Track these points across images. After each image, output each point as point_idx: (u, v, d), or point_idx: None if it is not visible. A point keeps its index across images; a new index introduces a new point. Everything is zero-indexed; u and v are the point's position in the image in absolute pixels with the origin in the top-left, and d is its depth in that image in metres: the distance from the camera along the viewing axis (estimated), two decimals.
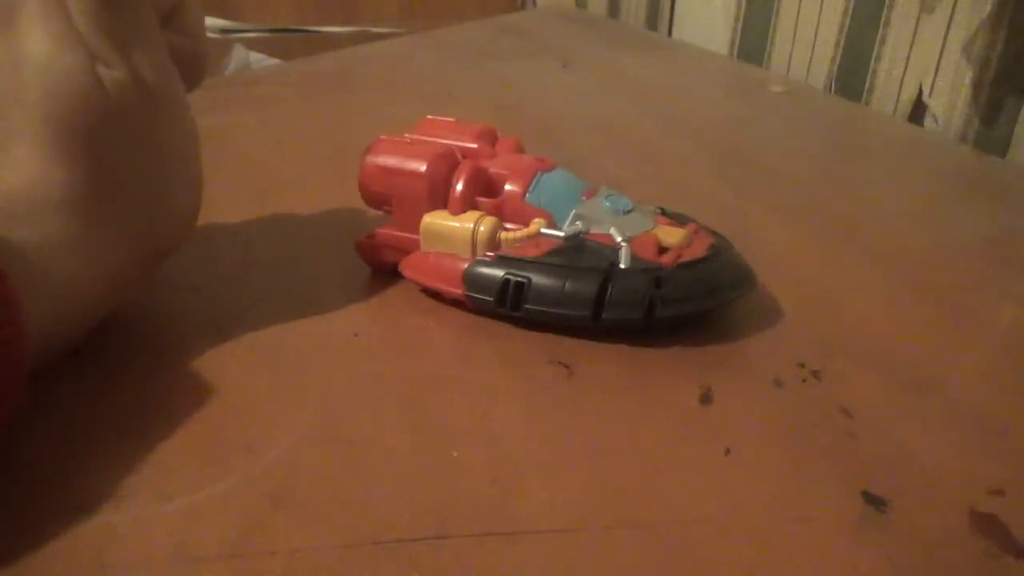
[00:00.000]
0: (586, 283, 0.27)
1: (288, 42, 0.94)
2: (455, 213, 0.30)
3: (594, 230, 0.29)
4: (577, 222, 0.29)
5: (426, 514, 0.21)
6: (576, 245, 0.29)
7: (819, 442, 0.24)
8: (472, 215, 0.29)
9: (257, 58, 0.80)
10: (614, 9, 1.07)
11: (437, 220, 0.30)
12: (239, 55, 0.79)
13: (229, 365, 0.26)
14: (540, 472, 0.22)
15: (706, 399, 0.25)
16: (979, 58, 0.55)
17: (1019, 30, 0.52)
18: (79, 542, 0.19)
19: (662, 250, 0.29)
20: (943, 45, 0.58)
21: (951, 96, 0.57)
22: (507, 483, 0.22)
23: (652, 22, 0.98)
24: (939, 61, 0.58)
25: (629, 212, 0.30)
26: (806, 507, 0.21)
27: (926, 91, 0.60)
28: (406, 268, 0.31)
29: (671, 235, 0.29)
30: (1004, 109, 0.54)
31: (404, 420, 0.24)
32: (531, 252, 0.29)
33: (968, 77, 0.56)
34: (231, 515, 0.20)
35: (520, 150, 0.34)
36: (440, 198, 0.30)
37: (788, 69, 0.74)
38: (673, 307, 0.27)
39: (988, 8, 0.54)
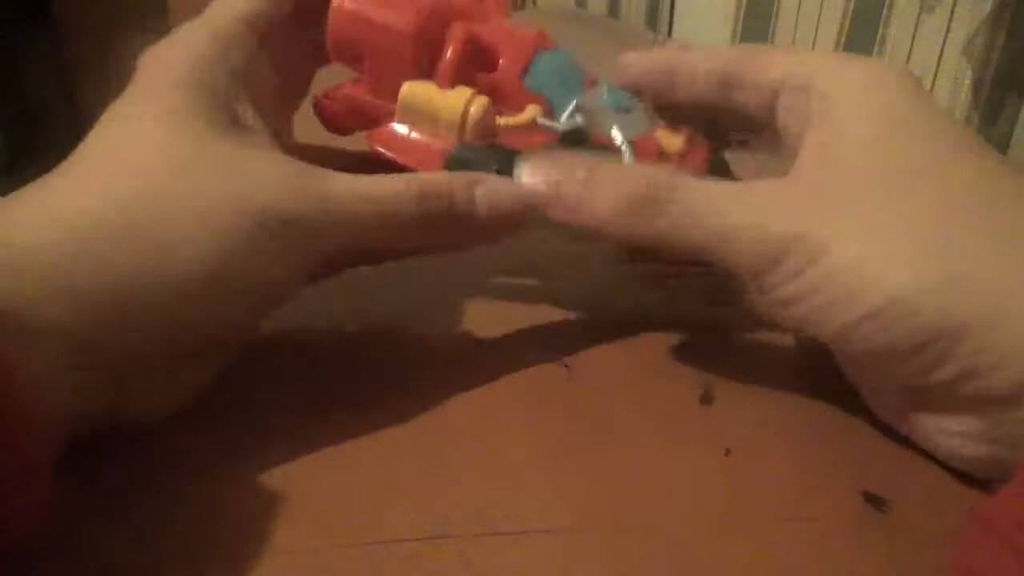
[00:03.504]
0: None
1: None
2: (443, 86, 0.26)
3: (592, 125, 0.26)
4: (577, 115, 0.26)
5: (426, 514, 0.21)
6: (574, 142, 0.26)
7: (819, 442, 0.24)
8: (462, 92, 0.25)
9: None
10: (614, 8, 1.07)
11: (420, 92, 0.26)
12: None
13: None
14: (540, 472, 0.22)
15: (706, 399, 0.25)
16: (979, 58, 0.55)
17: (1019, 30, 0.52)
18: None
19: (661, 155, 0.26)
20: (943, 45, 0.58)
21: (951, 96, 0.57)
22: (507, 483, 0.22)
23: (652, 21, 0.98)
24: (939, 61, 0.58)
25: (629, 110, 0.27)
26: (806, 507, 0.21)
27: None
28: (376, 140, 0.26)
29: (672, 140, 0.27)
30: (1004, 109, 0.54)
31: (404, 420, 0.24)
32: (523, 144, 0.25)
33: (968, 77, 0.56)
34: (232, 515, 0.20)
35: (507, 12, 0.29)
36: (425, 65, 0.26)
37: None
38: None
39: (988, 8, 0.54)
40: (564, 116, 0.26)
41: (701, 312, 0.28)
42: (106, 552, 0.19)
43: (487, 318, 0.29)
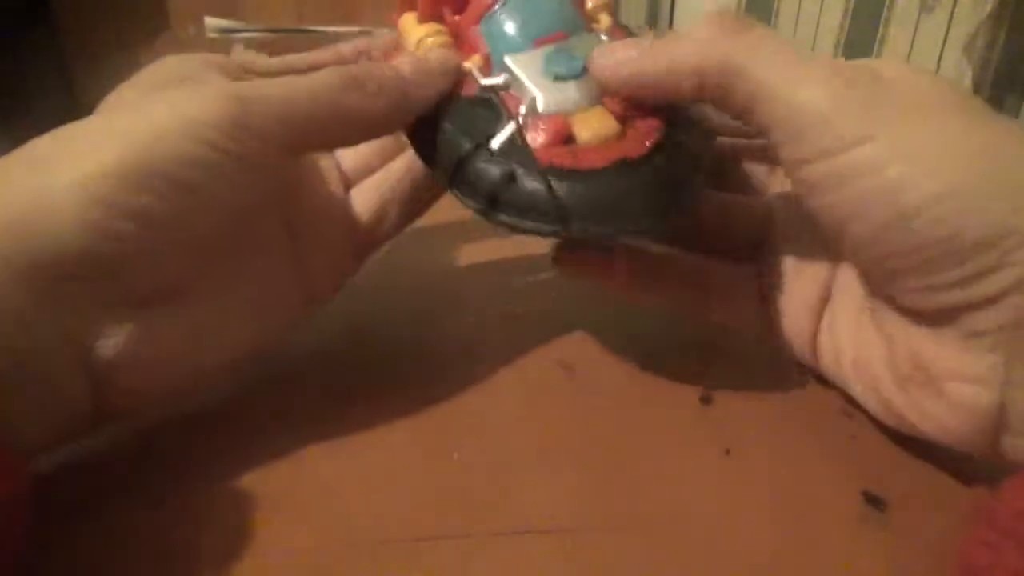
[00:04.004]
0: (448, 152, 0.24)
1: (288, 42, 0.94)
2: (420, 21, 0.26)
3: (514, 90, 0.24)
4: (503, 75, 0.24)
5: (426, 514, 0.21)
6: (482, 101, 0.24)
7: (819, 442, 0.24)
8: (428, 28, 0.26)
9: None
10: (614, 8, 1.07)
11: (407, 25, 0.26)
12: (239, 55, 0.79)
13: None
14: (540, 472, 0.22)
15: (706, 399, 0.25)
16: (979, 57, 0.55)
17: (1019, 30, 0.52)
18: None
19: (569, 140, 0.23)
20: (943, 44, 0.58)
21: None
22: (507, 483, 0.22)
23: (652, 21, 0.98)
24: (939, 60, 0.58)
25: (577, 77, 0.24)
26: (806, 507, 0.21)
27: None
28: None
29: (589, 126, 0.23)
30: (1004, 109, 0.54)
31: (404, 420, 0.24)
32: (457, 89, 0.25)
33: (968, 76, 0.56)
34: (231, 515, 0.20)
35: None
36: None
37: None
38: (514, 216, 0.23)
39: (988, 7, 0.54)
40: (493, 72, 0.25)
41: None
42: (106, 551, 0.19)
43: (487, 318, 0.30)
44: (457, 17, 0.26)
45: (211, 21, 0.92)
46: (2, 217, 0.18)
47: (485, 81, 0.24)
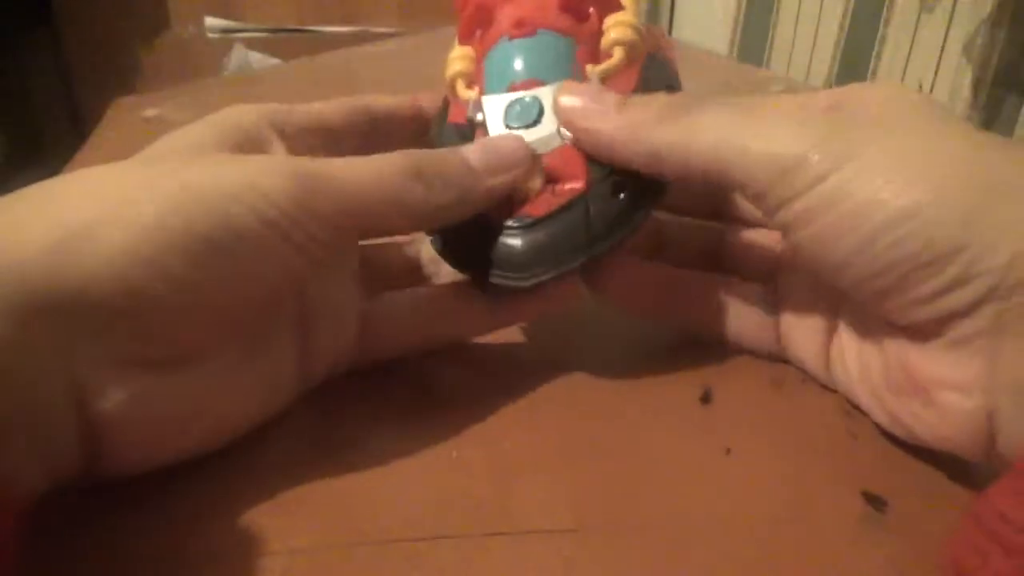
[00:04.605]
0: None
1: (288, 42, 0.94)
2: (459, 43, 0.28)
3: (483, 130, 0.26)
4: (479, 113, 0.26)
5: (426, 514, 0.21)
6: (450, 133, 0.26)
7: (819, 442, 0.24)
8: (458, 53, 0.27)
9: (257, 58, 0.80)
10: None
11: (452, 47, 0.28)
12: (239, 55, 0.79)
13: None
14: (540, 472, 0.22)
15: (706, 399, 0.25)
16: (979, 58, 0.55)
17: (1019, 30, 0.52)
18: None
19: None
20: (943, 44, 0.58)
21: (951, 96, 0.57)
22: (507, 483, 0.22)
23: (652, 21, 0.98)
24: (939, 60, 0.58)
25: (531, 126, 0.25)
26: (806, 507, 0.21)
27: (926, 90, 0.60)
28: None
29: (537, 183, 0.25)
30: (1004, 109, 0.54)
31: (404, 420, 0.24)
32: (451, 116, 0.27)
33: (968, 77, 0.56)
34: (231, 515, 0.20)
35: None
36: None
37: (788, 69, 0.74)
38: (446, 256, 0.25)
39: (988, 8, 0.54)
40: (471, 107, 0.26)
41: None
42: (104, 551, 0.19)
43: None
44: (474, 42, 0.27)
45: (211, 21, 0.92)
46: (31, 252, 0.17)
47: (469, 113, 0.26)
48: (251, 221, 0.19)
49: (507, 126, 0.25)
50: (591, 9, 0.26)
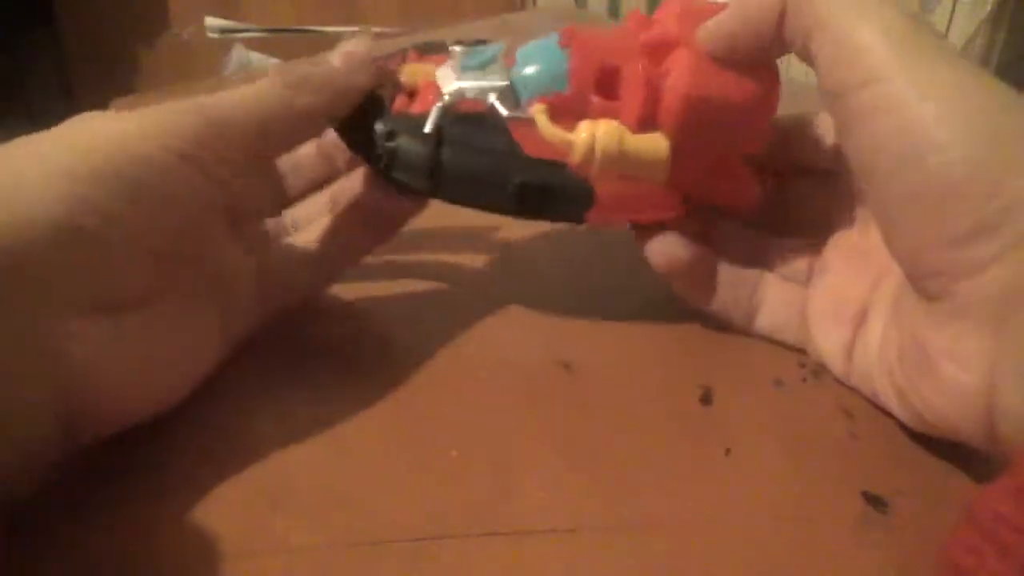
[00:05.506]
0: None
1: (288, 42, 0.94)
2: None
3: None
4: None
5: (426, 514, 0.21)
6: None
7: (819, 442, 0.24)
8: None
9: (257, 58, 0.80)
10: (614, 8, 1.07)
11: None
12: (239, 55, 0.79)
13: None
14: (540, 472, 0.22)
15: (706, 399, 0.25)
16: (979, 58, 0.55)
17: (1019, 30, 0.52)
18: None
19: (412, 94, 0.28)
20: None
21: None
22: (507, 483, 0.22)
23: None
24: None
25: (485, 67, 0.27)
26: (806, 507, 0.21)
27: None
28: None
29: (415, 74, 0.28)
30: None
31: (404, 420, 0.24)
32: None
33: None
34: (231, 515, 0.20)
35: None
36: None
37: (788, 69, 0.74)
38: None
39: (988, 7, 0.54)
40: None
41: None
42: (103, 551, 0.19)
43: (487, 318, 0.30)
44: None
45: (211, 21, 0.92)
46: None
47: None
48: (163, 154, 0.21)
49: (462, 70, 0.27)
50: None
